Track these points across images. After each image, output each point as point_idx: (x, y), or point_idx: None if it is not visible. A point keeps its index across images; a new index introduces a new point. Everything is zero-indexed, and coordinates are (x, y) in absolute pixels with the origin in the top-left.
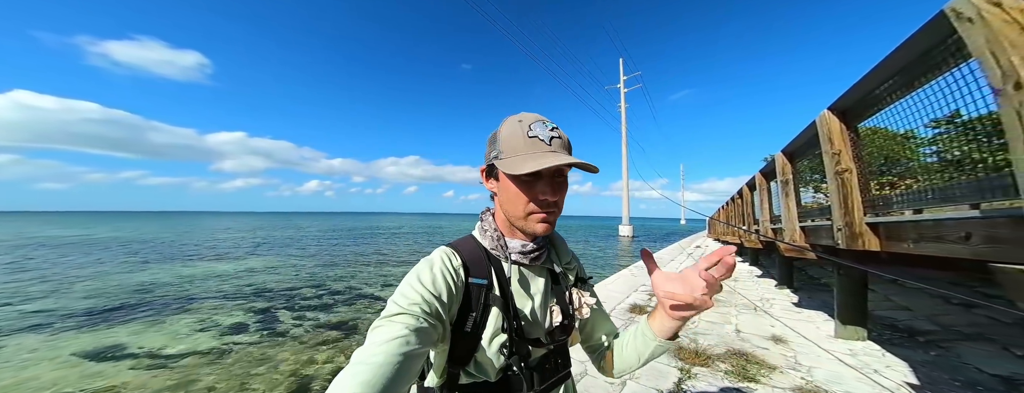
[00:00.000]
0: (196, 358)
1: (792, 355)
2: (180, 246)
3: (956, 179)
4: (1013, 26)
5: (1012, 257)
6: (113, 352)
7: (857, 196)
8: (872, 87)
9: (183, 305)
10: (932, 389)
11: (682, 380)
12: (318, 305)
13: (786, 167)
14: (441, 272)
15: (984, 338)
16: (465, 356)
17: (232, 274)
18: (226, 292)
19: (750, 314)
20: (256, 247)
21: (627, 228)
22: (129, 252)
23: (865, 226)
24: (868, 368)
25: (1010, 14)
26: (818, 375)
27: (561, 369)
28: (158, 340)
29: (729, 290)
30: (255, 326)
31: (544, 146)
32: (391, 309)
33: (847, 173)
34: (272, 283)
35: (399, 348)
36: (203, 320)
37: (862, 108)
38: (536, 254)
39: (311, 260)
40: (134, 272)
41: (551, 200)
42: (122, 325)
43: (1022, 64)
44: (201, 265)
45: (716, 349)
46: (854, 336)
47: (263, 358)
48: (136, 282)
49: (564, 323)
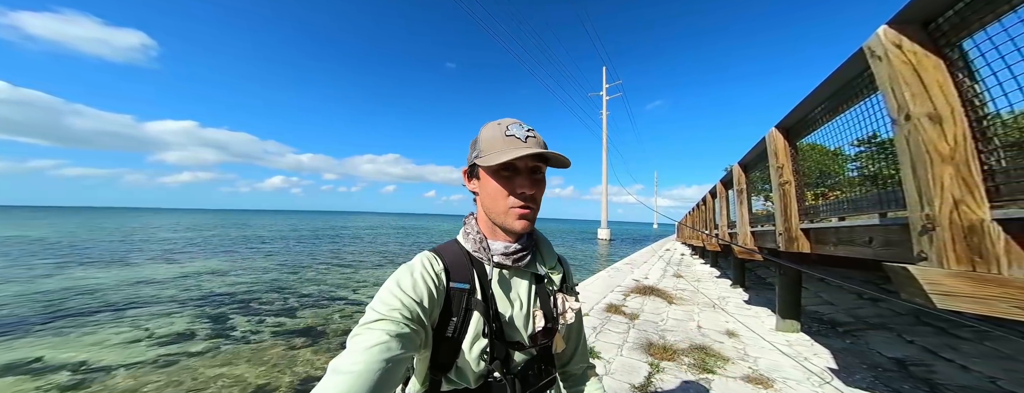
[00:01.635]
0: (132, 370)
1: (742, 347)
2: (105, 247)
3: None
4: (908, 65)
5: (899, 257)
6: (26, 367)
7: (794, 205)
8: (809, 109)
9: (113, 314)
10: (846, 372)
11: (652, 374)
12: (280, 309)
13: (741, 177)
14: (422, 277)
15: (885, 327)
16: (447, 362)
17: (174, 278)
18: (167, 298)
19: (710, 311)
20: (203, 248)
21: (605, 231)
22: (32, 254)
23: (800, 231)
24: (801, 357)
25: (906, 55)
26: (762, 365)
27: (546, 375)
28: (82, 353)
29: (693, 290)
30: (204, 334)
31: (520, 143)
32: (370, 316)
33: (788, 184)
34: (224, 287)
35: (381, 355)
36: (139, 329)
37: (801, 127)
38: (519, 256)
39: (270, 262)
40: (40, 279)
41: (528, 193)
42: (32, 338)
43: (912, 99)
44: (135, 269)
45: (681, 344)
46: (790, 329)
47: (215, 367)
48: (45, 289)
49: (548, 327)
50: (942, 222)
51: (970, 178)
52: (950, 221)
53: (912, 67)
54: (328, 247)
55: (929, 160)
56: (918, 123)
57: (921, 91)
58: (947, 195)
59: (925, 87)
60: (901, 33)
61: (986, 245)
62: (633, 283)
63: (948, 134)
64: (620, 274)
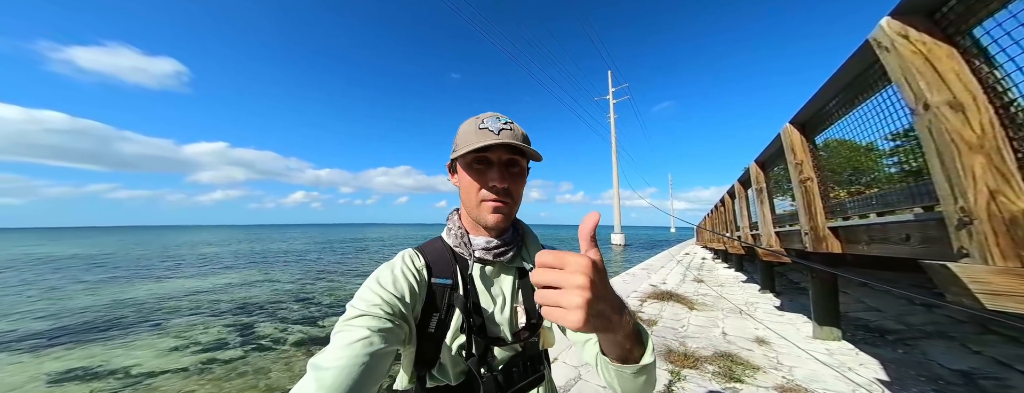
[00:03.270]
0: (175, 376)
1: (774, 356)
2: (151, 262)
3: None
4: (918, 55)
5: (938, 255)
6: (84, 373)
7: (819, 202)
8: (823, 103)
9: (158, 323)
10: (900, 385)
11: (672, 382)
12: (304, 318)
13: (759, 176)
14: (402, 272)
15: (944, 336)
16: (431, 358)
17: (210, 290)
18: (205, 308)
19: (735, 318)
20: (236, 261)
21: (619, 237)
22: (92, 270)
23: (827, 230)
24: (843, 367)
25: (915, 45)
26: (798, 374)
27: (532, 372)
28: (132, 359)
29: (716, 295)
30: (237, 342)
31: (492, 135)
32: (350, 312)
33: (809, 181)
34: (254, 298)
35: (363, 349)
36: (181, 338)
37: (817, 121)
38: (501, 251)
39: (296, 273)
40: (98, 291)
41: (500, 186)
42: (92, 346)
43: (928, 88)
44: (176, 282)
45: (704, 351)
46: (830, 336)
47: (247, 374)
48: (99, 302)
49: (531, 322)
50: (980, 214)
51: (1004, 167)
52: (989, 213)
53: (923, 56)
54: (346, 258)
55: (956, 150)
56: (938, 112)
57: (937, 80)
58: (981, 185)
59: (941, 75)
60: (906, 24)
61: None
62: (650, 288)
63: (973, 122)
64: (636, 279)
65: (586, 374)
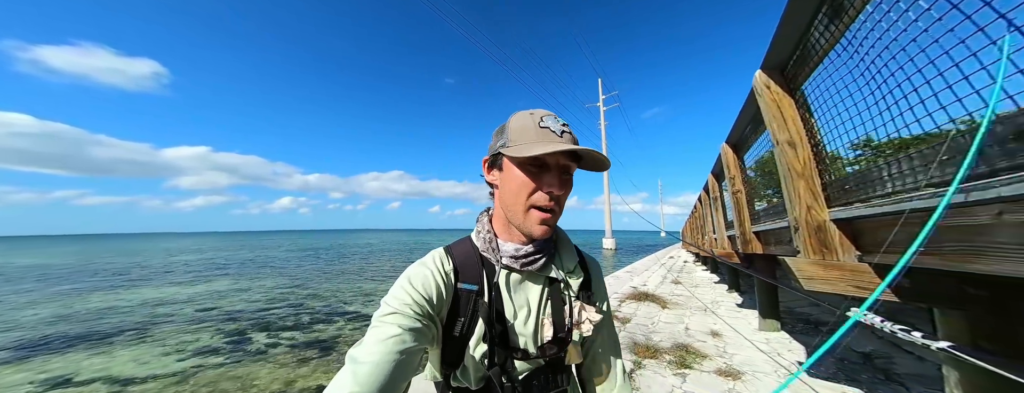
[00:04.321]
0: (162, 382)
1: (723, 346)
2: (129, 271)
3: None
4: (774, 103)
5: (787, 252)
6: (67, 381)
7: (746, 211)
8: (742, 129)
9: (141, 332)
10: (815, 365)
11: (633, 370)
12: (294, 325)
13: (714, 186)
14: (432, 274)
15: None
16: (455, 360)
17: (195, 298)
18: (190, 316)
19: (701, 314)
20: (220, 269)
21: (610, 241)
22: (56, 280)
23: (752, 234)
24: (775, 353)
25: (773, 94)
26: (737, 360)
27: (553, 386)
28: (117, 367)
29: (689, 295)
30: (226, 348)
31: (555, 136)
32: (384, 309)
33: (739, 193)
34: (241, 305)
35: (395, 346)
36: (167, 345)
37: (742, 143)
38: (530, 260)
39: (283, 280)
40: (73, 301)
41: (557, 193)
42: (74, 354)
43: (778, 128)
44: (158, 290)
45: (665, 344)
46: (771, 328)
47: (237, 379)
48: (76, 311)
49: (559, 337)
50: (802, 223)
51: (815, 189)
52: (806, 222)
53: (777, 104)
54: (334, 265)
55: (791, 175)
56: (783, 147)
57: (783, 123)
58: (803, 202)
59: (785, 120)
60: (769, 77)
61: (828, 239)
62: (630, 290)
63: (800, 156)
64: (619, 282)
65: None
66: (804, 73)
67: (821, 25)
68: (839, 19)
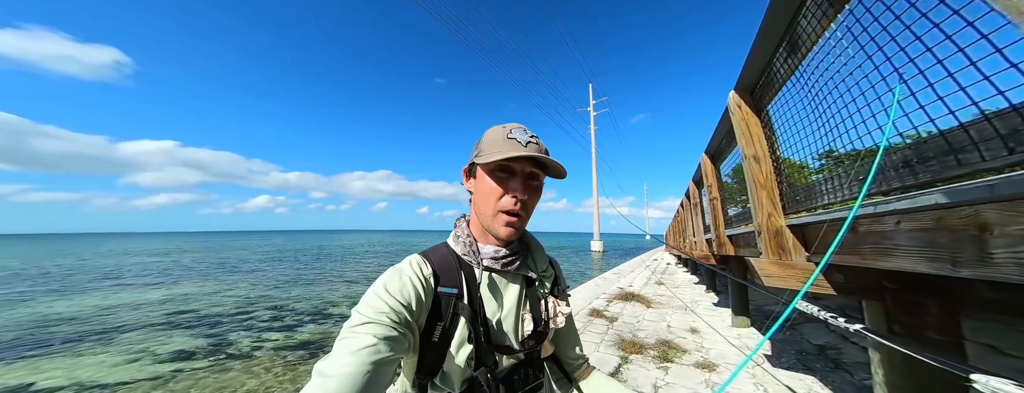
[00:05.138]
0: (132, 388)
1: (700, 341)
2: (81, 274)
3: None
4: (744, 121)
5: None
6: (25, 390)
7: (722, 216)
8: (718, 141)
9: (104, 338)
10: (777, 357)
11: (621, 365)
12: (277, 327)
13: (694, 192)
14: (410, 280)
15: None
16: (434, 367)
17: (161, 301)
18: (159, 321)
19: (681, 313)
20: (187, 271)
21: (598, 243)
22: (5, 283)
23: (726, 237)
24: (745, 346)
25: (743, 113)
26: (712, 354)
27: (532, 380)
28: (81, 373)
29: (671, 295)
30: (203, 352)
31: (520, 146)
32: (356, 319)
33: (716, 200)
34: (214, 309)
35: (369, 357)
36: (134, 351)
37: (718, 153)
38: (509, 260)
39: (255, 282)
40: (20, 307)
41: (521, 197)
42: (26, 361)
43: (746, 144)
44: (114, 295)
45: (649, 340)
46: (742, 324)
47: (217, 382)
48: (28, 317)
49: (537, 331)
50: (763, 228)
51: (774, 198)
52: (767, 227)
53: (746, 122)
54: (315, 265)
55: (756, 186)
56: (750, 161)
57: (750, 139)
58: (765, 210)
59: (752, 137)
60: (741, 97)
61: (784, 243)
62: (617, 290)
63: (763, 169)
64: (607, 283)
65: None
66: (768, 96)
67: (781, 56)
68: (796, 53)
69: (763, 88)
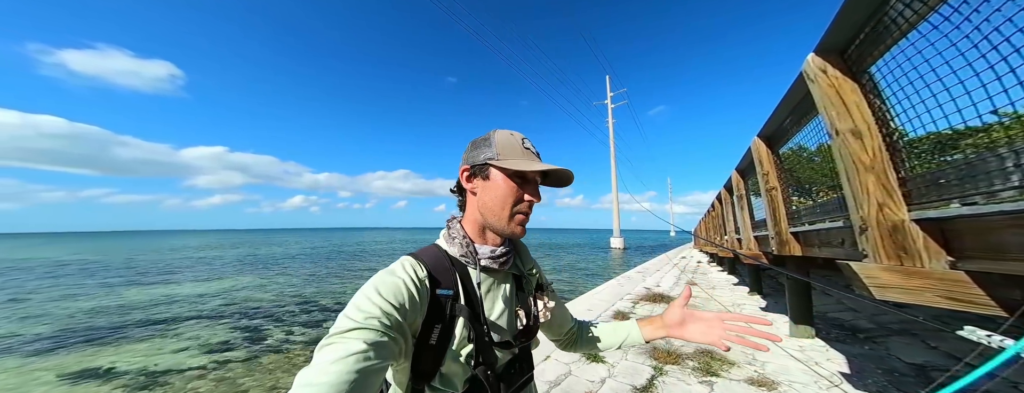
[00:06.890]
0: (184, 375)
1: (752, 352)
2: (152, 267)
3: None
4: (832, 88)
5: (854, 256)
6: (95, 373)
7: (783, 209)
8: (780, 120)
9: (163, 326)
10: (859, 377)
11: (655, 377)
12: (307, 321)
13: (740, 183)
14: (404, 283)
15: (909, 333)
16: (430, 370)
17: (212, 294)
18: (208, 312)
19: None
20: (236, 266)
21: (618, 240)
22: (91, 274)
23: (789, 234)
24: (811, 361)
25: (830, 79)
26: (769, 369)
27: (524, 372)
28: (142, 360)
29: (706, 297)
30: (243, 344)
31: (535, 157)
32: (344, 324)
33: (774, 190)
34: (256, 302)
35: (356, 364)
36: (188, 339)
37: (778, 136)
38: (505, 259)
39: (296, 277)
40: (103, 295)
41: (536, 201)
42: (99, 347)
43: (837, 117)
44: (179, 286)
45: (686, 349)
46: (804, 334)
47: (253, 373)
48: (105, 305)
49: (529, 325)
50: (872, 223)
51: (888, 184)
52: (877, 222)
53: (836, 90)
54: (346, 262)
55: (856, 169)
56: (845, 138)
57: (844, 110)
58: (873, 199)
59: (846, 106)
60: (826, 60)
61: (908, 242)
62: (644, 291)
63: (868, 147)
64: (631, 282)
65: (576, 370)
66: (874, 53)
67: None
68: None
69: (866, 45)
